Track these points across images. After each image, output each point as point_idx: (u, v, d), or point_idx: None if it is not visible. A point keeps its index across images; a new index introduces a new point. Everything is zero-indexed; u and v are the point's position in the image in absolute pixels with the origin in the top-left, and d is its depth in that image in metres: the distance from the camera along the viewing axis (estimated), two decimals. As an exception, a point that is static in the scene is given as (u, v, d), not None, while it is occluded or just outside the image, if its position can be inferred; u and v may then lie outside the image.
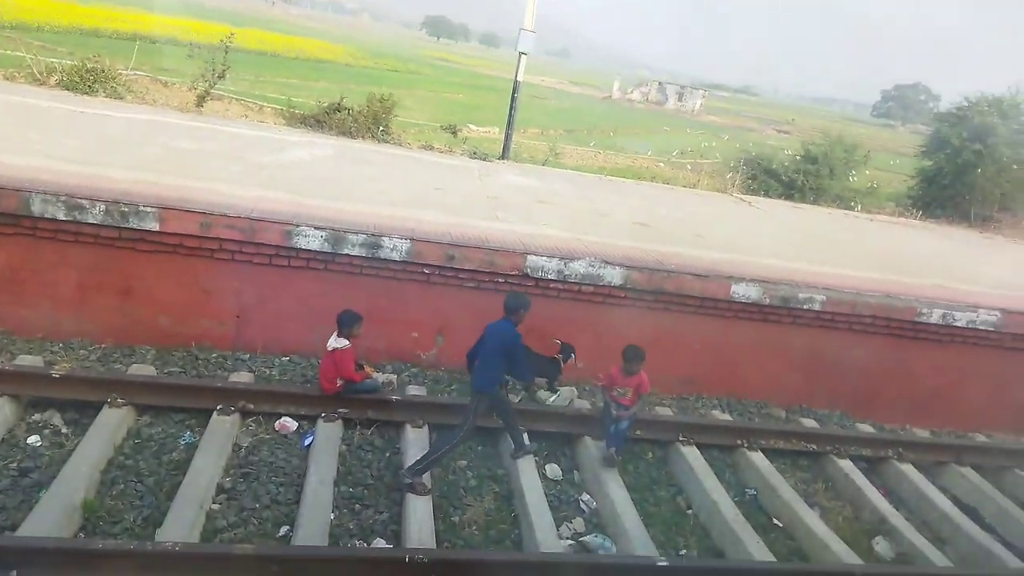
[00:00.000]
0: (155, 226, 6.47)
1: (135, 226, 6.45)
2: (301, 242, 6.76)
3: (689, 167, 28.87)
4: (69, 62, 14.12)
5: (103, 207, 6.36)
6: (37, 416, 5.70)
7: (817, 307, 7.75)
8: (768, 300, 7.67)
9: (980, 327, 8.08)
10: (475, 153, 14.19)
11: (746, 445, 6.91)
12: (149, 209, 6.45)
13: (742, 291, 7.64)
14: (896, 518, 6.34)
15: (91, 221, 6.39)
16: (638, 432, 6.63)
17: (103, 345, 6.74)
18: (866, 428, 7.97)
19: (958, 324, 8.03)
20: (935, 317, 7.97)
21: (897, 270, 9.54)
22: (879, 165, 32.85)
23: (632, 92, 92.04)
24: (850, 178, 18.46)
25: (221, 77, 13.76)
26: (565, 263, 7.34)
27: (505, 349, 5.68)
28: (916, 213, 15.83)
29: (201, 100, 13.53)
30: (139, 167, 7.72)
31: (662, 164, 31.43)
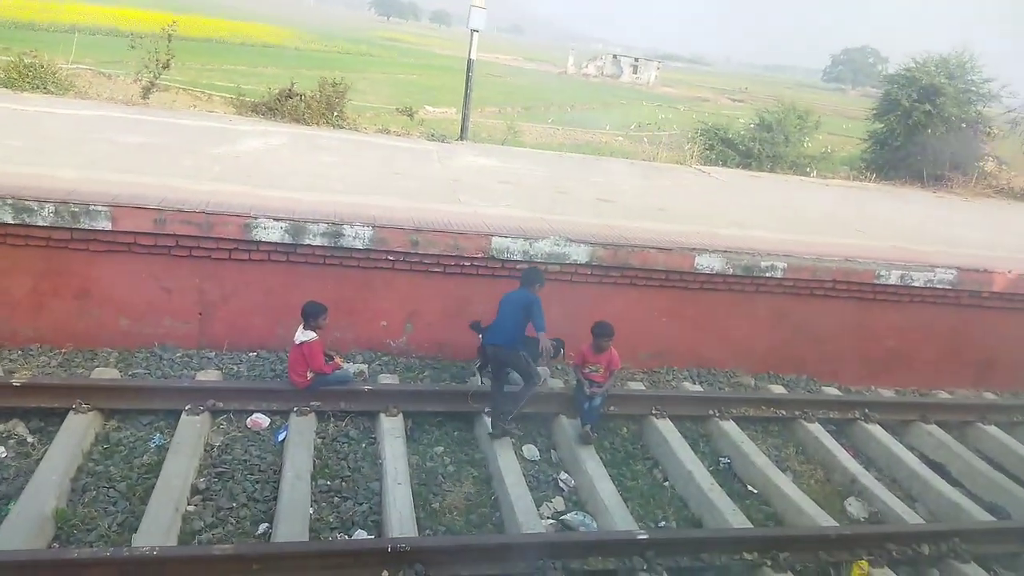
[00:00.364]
0: (108, 225, 6.28)
1: (87, 226, 6.25)
2: (261, 234, 6.63)
3: (646, 140, 29.02)
4: (5, 58, 13.54)
5: (52, 208, 6.15)
6: (0, 427, 5.53)
7: (779, 274, 7.87)
8: (731, 270, 7.77)
9: (937, 286, 8.30)
10: (433, 135, 14.03)
11: (718, 415, 7.03)
12: (100, 208, 6.25)
13: (706, 262, 7.73)
14: (866, 478, 6.53)
15: (41, 223, 6.17)
16: (612, 408, 6.70)
17: (63, 350, 6.55)
18: (832, 391, 8.17)
19: (916, 284, 8.24)
20: (894, 278, 8.16)
21: (854, 234, 9.74)
22: (832, 129, 33.40)
23: (587, 66, 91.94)
24: (804, 144, 18.71)
25: (166, 67, 13.34)
26: (530, 243, 7.33)
27: (524, 306, 6.08)
28: (870, 176, 16.13)
29: (146, 92, 13.11)
30: (87, 165, 7.47)
31: (620, 138, 31.51)
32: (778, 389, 7.93)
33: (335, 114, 13.38)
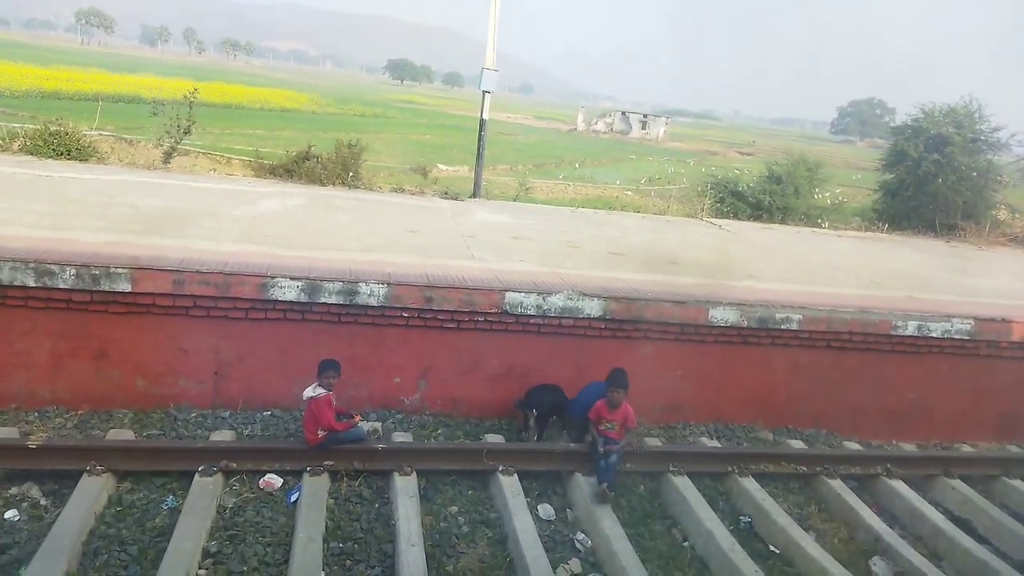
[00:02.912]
0: (127, 287, 6.38)
1: (107, 288, 6.35)
2: (277, 293, 6.71)
3: (653, 193, 29.32)
4: (32, 126, 14.02)
5: (74, 271, 6.27)
6: (14, 490, 5.52)
7: (795, 326, 7.83)
8: (746, 322, 7.73)
9: (955, 336, 8.21)
10: (446, 193, 14.26)
11: (737, 471, 6.89)
12: (120, 270, 6.36)
13: (720, 315, 7.70)
14: (891, 536, 6.33)
15: (62, 286, 6.28)
16: (628, 465, 6.60)
17: (80, 412, 6.58)
18: (853, 446, 8.01)
19: (933, 335, 8.16)
20: (911, 329, 8.09)
21: (869, 285, 9.70)
22: (842, 181, 33.63)
23: (596, 123, 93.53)
24: (815, 196, 18.83)
25: (187, 132, 13.75)
26: (543, 297, 7.36)
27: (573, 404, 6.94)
28: (882, 226, 16.15)
29: (168, 157, 13.48)
30: (109, 228, 7.63)
31: (631, 192, 31.87)
32: (798, 444, 7.80)
33: (351, 174, 13.68)
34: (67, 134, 12.61)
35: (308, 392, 5.97)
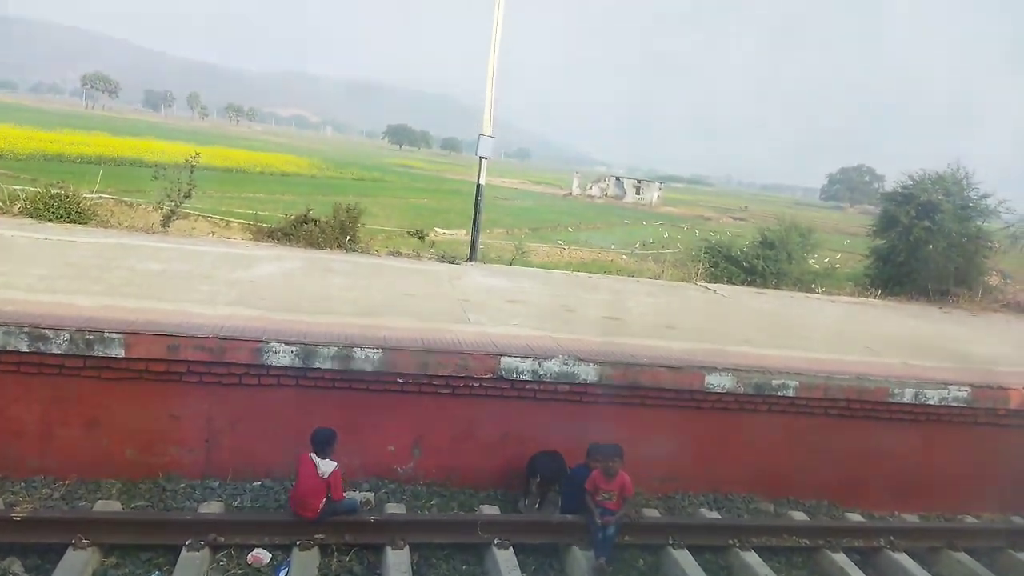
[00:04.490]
0: (121, 352, 6.34)
1: (100, 353, 6.31)
2: (271, 359, 6.66)
3: (650, 258, 29.58)
4: (33, 189, 14.17)
5: (67, 336, 6.24)
6: (-5, 564, 5.35)
7: (791, 393, 7.78)
8: (742, 388, 7.69)
9: (953, 404, 8.16)
10: (443, 256, 14.35)
11: (738, 544, 6.73)
12: (114, 335, 6.34)
13: (716, 381, 7.67)
14: (896, 611, 6.16)
15: (56, 351, 6.24)
16: (626, 538, 6.45)
17: (67, 481, 6.44)
18: (855, 517, 7.85)
19: (931, 402, 8.11)
20: (907, 396, 8.05)
21: (865, 351, 9.70)
22: (834, 246, 34.02)
23: (591, 188, 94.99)
24: (808, 261, 19.00)
25: (187, 196, 13.90)
26: (539, 362, 7.33)
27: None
28: (875, 292, 16.26)
29: (167, 220, 13.59)
30: (105, 292, 7.64)
31: (626, 256, 32.15)
32: (799, 516, 7.64)
33: (348, 238, 13.78)
34: (67, 197, 12.73)
35: (321, 468, 5.80)
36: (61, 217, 12.32)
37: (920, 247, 16.29)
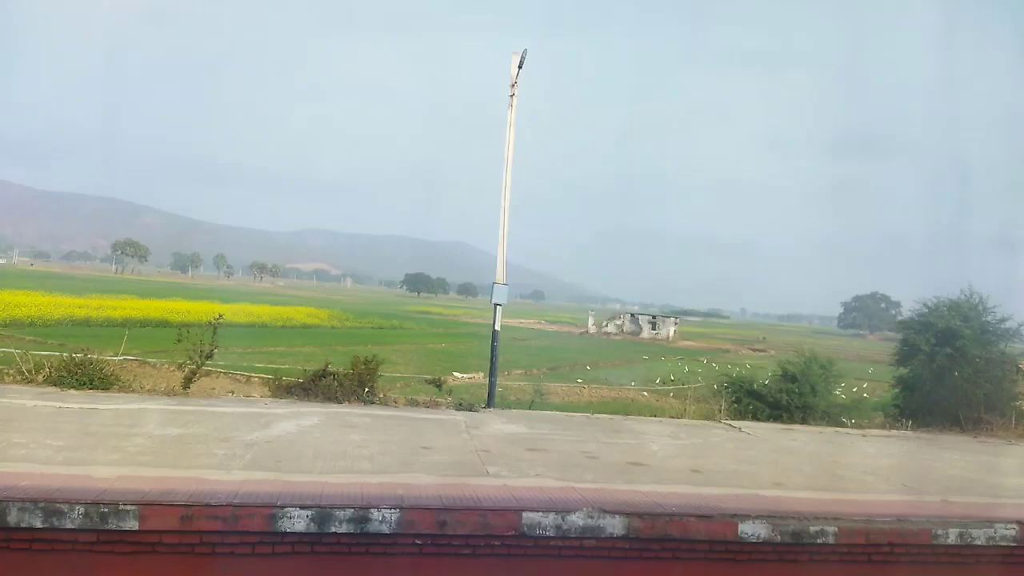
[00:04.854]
0: (135, 525, 6.22)
1: (114, 527, 6.19)
2: (286, 525, 6.50)
3: (672, 394, 29.17)
4: (58, 354, 14.49)
5: (82, 510, 6.15)
6: None
7: (831, 540, 7.39)
8: (779, 537, 7.32)
9: (1000, 543, 7.69)
10: (461, 404, 14.28)
11: None
12: (129, 507, 6.25)
13: (750, 530, 7.32)
14: None
15: (69, 526, 6.14)
16: None
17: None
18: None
19: (977, 543, 7.65)
20: (952, 537, 7.61)
21: (902, 489, 9.30)
22: (859, 374, 33.49)
23: (607, 325, 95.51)
24: (835, 393, 18.63)
25: (209, 357, 14.12)
26: (562, 517, 7.08)
27: None
28: (906, 422, 15.80)
29: (188, 381, 13.74)
30: (122, 461, 7.62)
31: (646, 393, 31.76)
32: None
33: (366, 390, 13.81)
34: (90, 364, 12.98)
35: None
36: (84, 384, 12.51)
37: (945, 375, 16.02)
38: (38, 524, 6.09)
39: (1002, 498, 9.03)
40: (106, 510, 6.19)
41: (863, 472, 10.58)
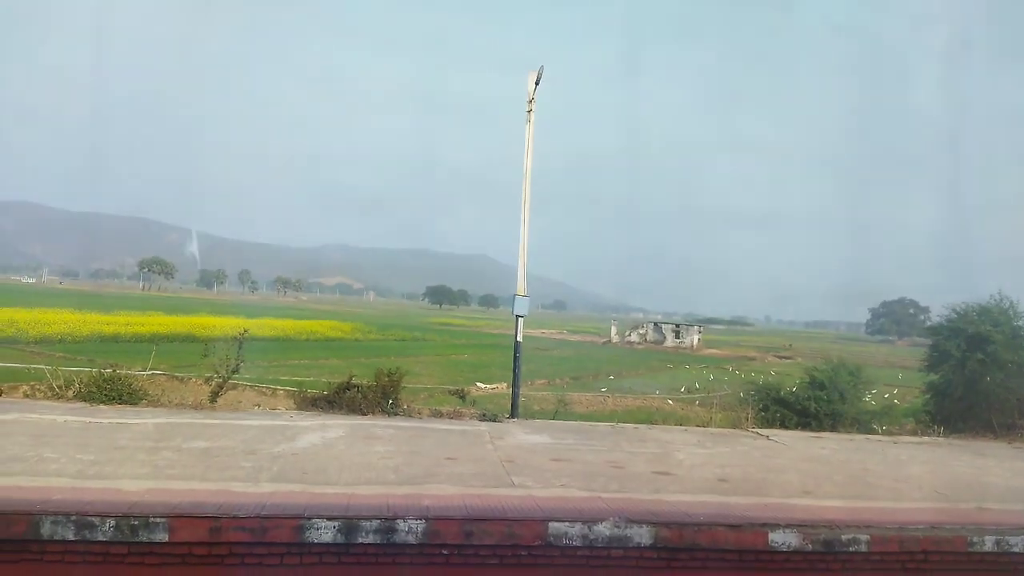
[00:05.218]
0: (164, 537, 6.29)
1: (145, 539, 6.27)
2: (313, 536, 6.53)
3: (697, 402, 28.89)
4: (87, 370, 14.73)
5: (113, 523, 6.24)
6: None
7: (864, 548, 7.26)
8: (810, 546, 7.21)
9: (1040, 551, 7.51)
10: (484, 415, 14.27)
11: None
12: (159, 520, 6.32)
13: (780, 539, 7.22)
14: None
15: (101, 539, 6.22)
16: None
17: None
18: None
19: (1015, 550, 7.47)
20: (988, 545, 7.45)
21: (935, 496, 9.12)
22: (889, 380, 32.92)
23: (630, 335, 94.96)
24: (865, 399, 18.32)
25: (235, 370, 14.28)
26: (589, 527, 7.03)
27: None
28: (937, 429, 15.51)
29: (215, 395, 13.89)
30: (152, 475, 7.71)
31: (671, 402, 31.47)
32: None
33: (390, 402, 13.85)
34: (119, 379, 13.17)
35: None
36: (113, 399, 12.69)
37: (977, 380, 15.73)
38: (70, 537, 6.17)
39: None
40: (136, 522, 6.27)
41: (895, 479, 10.38)
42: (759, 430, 14.60)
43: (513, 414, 14.38)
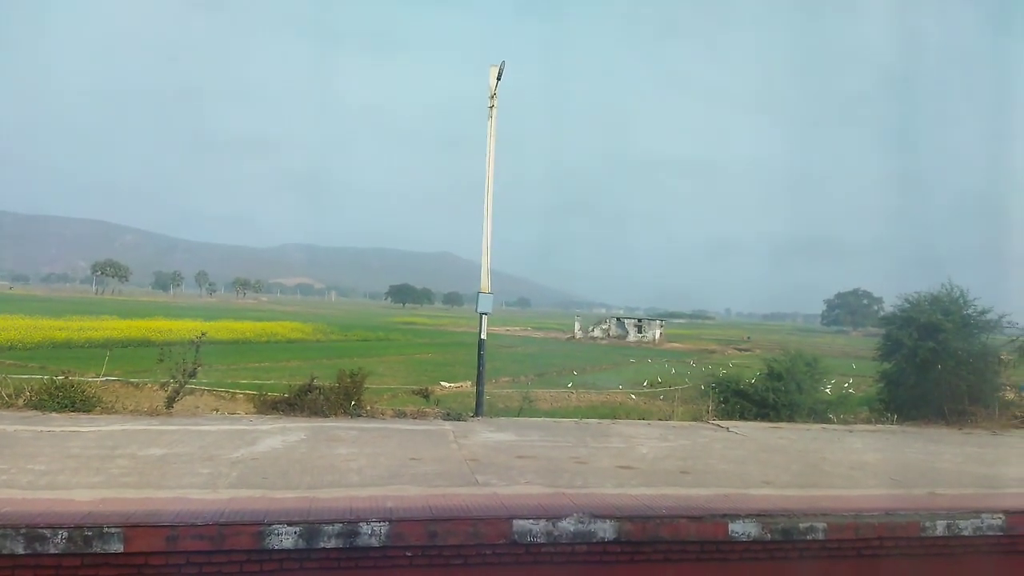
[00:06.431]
0: (120, 547, 6.12)
1: (99, 550, 6.09)
2: (273, 542, 6.42)
3: (661, 396, 29.24)
4: (39, 377, 14.28)
5: (65, 534, 6.05)
6: None
7: (821, 536, 7.42)
8: (769, 535, 7.35)
9: (988, 533, 7.77)
10: (449, 414, 14.21)
11: None
12: (113, 530, 6.15)
13: (741, 529, 7.34)
14: None
15: (52, 551, 6.02)
16: None
17: None
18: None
19: (965, 533, 7.72)
20: (940, 529, 7.68)
21: (889, 483, 9.37)
22: (843, 370, 33.78)
23: (593, 330, 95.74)
24: (821, 390, 18.75)
25: (192, 375, 13.97)
26: (553, 523, 7.06)
27: None
28: (891, 417, 15.93)
29: (171, 401, 13.57)
30: (106, 484, 7.50)
31: (634, 396, 31.80)
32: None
33: (353, 403, 13.70)
34: (72, 386, 12.79)
35: None
36: (66, 406, 12.31)
37: (929, 368, 16.18)
38: (20, 551, 5.97)
39: (988, 489, 9.11)
40: (90, 533, 6.09)
41: (850, 467, 10.64)
42: (720, 422, 14.82)
43: (478, 412, 14.36)
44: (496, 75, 14.82)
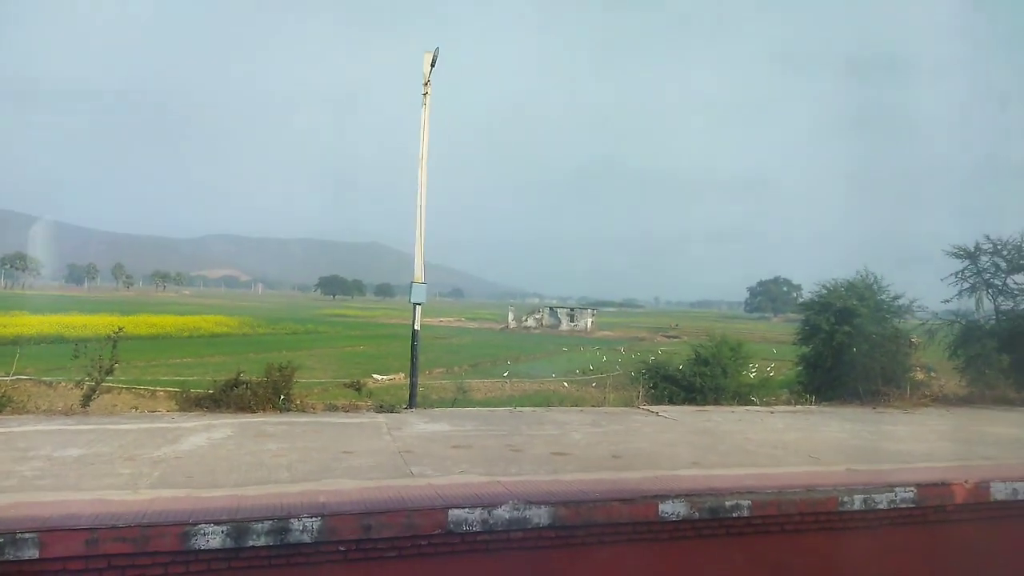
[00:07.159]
0: (35, 553, 5.81)
1: (12, 557, 5.76)
2: (200, 542, 6.21)
3: (593, 384, 29.73)
4: (-61, 379, 13.40)
5: (-29, 543, 5.70)
6: None
7: (746, 513, 7.70)
8: (697, 514, 7.57)
9: (901, 506, 8.22)
10: (382, 406, 14.04)
11: None
12: (27, 535, 5.83)
13: (670, 509, 7.53)
14: None
15: (-43, 563, 5.67)
16: None
17: None
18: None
19: (880, 507, 8.14)
20: (857, 503, 8.07)
21: (809, 460, 9.78)
22: (766, 355, 35.10)
23: (527, 320, 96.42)
24: (744, 373, 19.44)
25: (108, 372, 13.37)
26: (489, 511, 7.08)
27: None
28: (810, 398, 16.65)
29: (87, 399, 12.95)
30: (17, 488, 7.09)
31: (567, 384, 32.25)
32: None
33: (282, 398, 13.37)
34: (-25, 388, 12.05)
35: None
36: (-31, 408, 11.60)
37: (844, 351, 16.98)
38: (-80, 563, 5.61)
39: (900, 464, 9.62)
40: (2, 540, 5.75)
41: (773, 447, 11.06)
42: (650, 407, 15.16)
43: (411, 404, 14.25)
44: (430, 61, 14.64)
